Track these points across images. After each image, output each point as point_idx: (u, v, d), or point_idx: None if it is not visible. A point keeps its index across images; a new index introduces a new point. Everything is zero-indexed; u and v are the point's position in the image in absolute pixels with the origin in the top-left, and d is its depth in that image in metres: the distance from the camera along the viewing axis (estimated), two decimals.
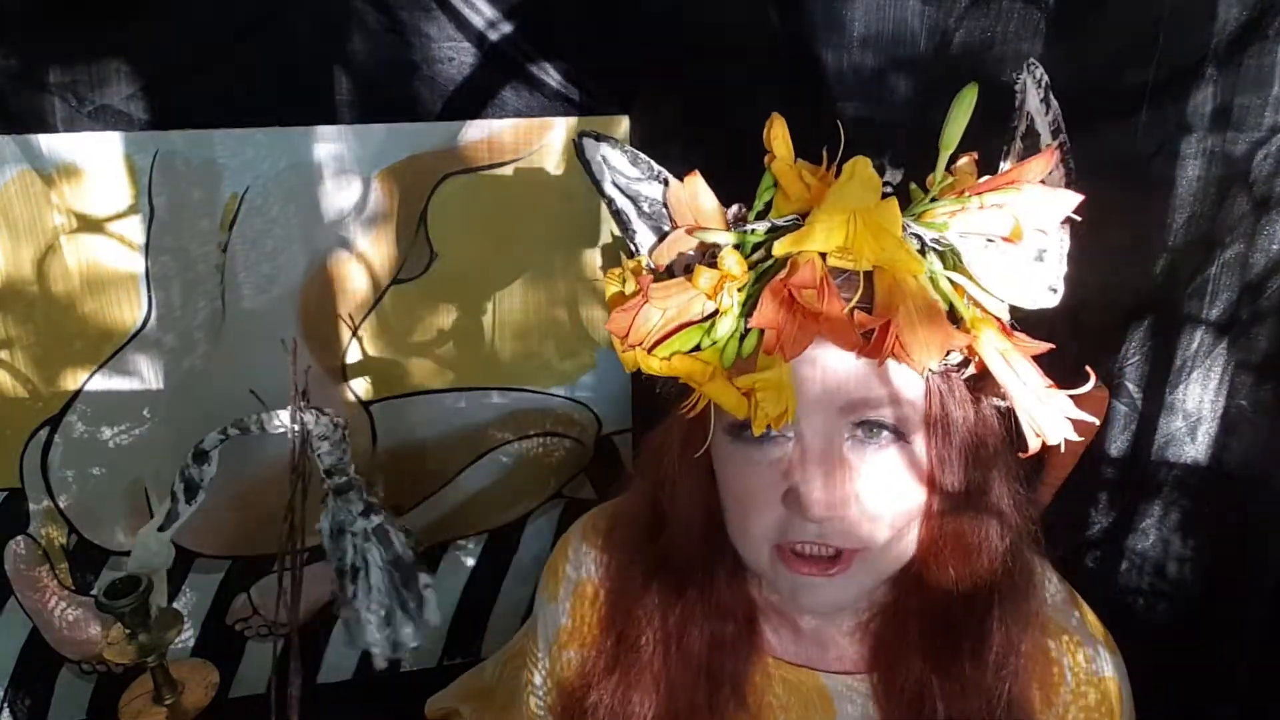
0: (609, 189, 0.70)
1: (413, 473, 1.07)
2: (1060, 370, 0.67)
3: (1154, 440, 1.03)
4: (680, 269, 0.67)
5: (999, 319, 0.63)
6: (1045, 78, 0.66)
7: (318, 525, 0.90)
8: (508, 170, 0.94)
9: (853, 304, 0.58)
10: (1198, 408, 1.01)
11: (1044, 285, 0.64)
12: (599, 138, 0.70)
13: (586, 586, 0.80)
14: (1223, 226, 0.93)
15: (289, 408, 0.79)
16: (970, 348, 0.62)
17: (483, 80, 0.89)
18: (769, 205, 0.67)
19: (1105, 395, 1.00)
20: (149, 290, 0.91)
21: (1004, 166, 0.68)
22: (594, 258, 1.00)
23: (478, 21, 0.86)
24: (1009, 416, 0.65)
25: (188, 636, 1.07)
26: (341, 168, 0.90)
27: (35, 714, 1.07)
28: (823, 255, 0.58)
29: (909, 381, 0.62)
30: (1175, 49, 0.88)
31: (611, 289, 0.68)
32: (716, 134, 0.86)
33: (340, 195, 0.92)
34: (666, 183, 0.70)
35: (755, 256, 0.63)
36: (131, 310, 0.92)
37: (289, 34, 0.85)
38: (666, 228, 0.70)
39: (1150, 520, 1.07)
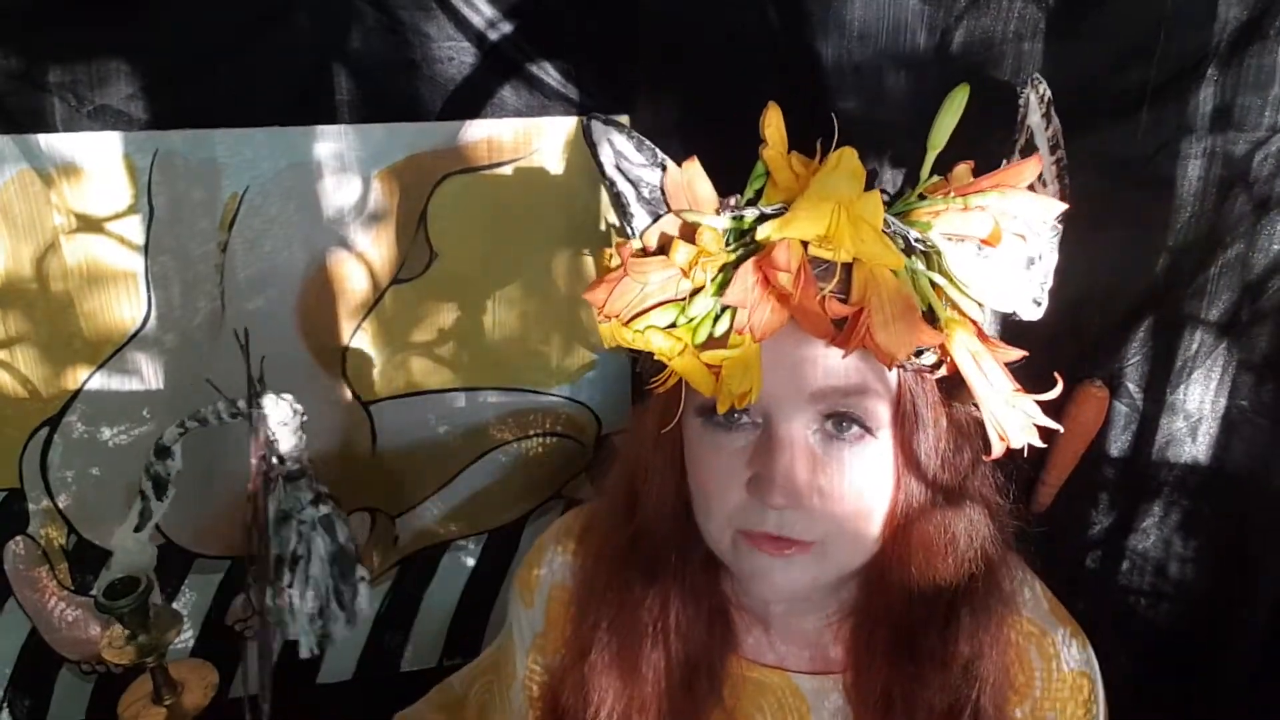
0: (611, 172, 0.70)
1: (413, 473, 1.07)
2: (1059, 368, 0.68)
3: (1155, 440, 1.03)
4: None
5: (976, 324, 0.63)
6: (1048, 93, 0.67)
7: None
8: (508, 170, 0.94)
9: (826, 290, 0.58)
10: (1199, 408, 1.01)
11: (1028, 296, 0.65)
12: (607, 121, 0.70)
13: (560, 590, 0.80)
14: (1223, 226, 0.93)
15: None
16: (943, 348, 0.62)
17: (482, 80, 0.89)
18: (759, 193, 0.67)
19: (1105, 395, 1.00)
20: (149, 290, 0.91)
21: None
22: (594, 257, 1.00)
23: (477, 21, 0.86)
24: (983, 427, 0.65)
25: (187, 637, 1.07)
26: (341, 167, 0.90)
27: (35, 714, 1.07)
28: (804, 244, 0.59)
29: (880, 377, 0.62)
30: (1176, 49, 0.88)
31: (604, 266, 0.69)
32: (716, 134, 0.85)
33: (340, 195, 0.92)
34: (666, 168, 0.70)
35: (740, 243, 0.63)
36: (131, 310, 0.92)
37: (289, 34, 0.85)
38: (663, 212, 0.69)
39: (1151, 520, 1.07)
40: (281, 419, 0.79)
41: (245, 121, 0.87)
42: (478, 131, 0.92)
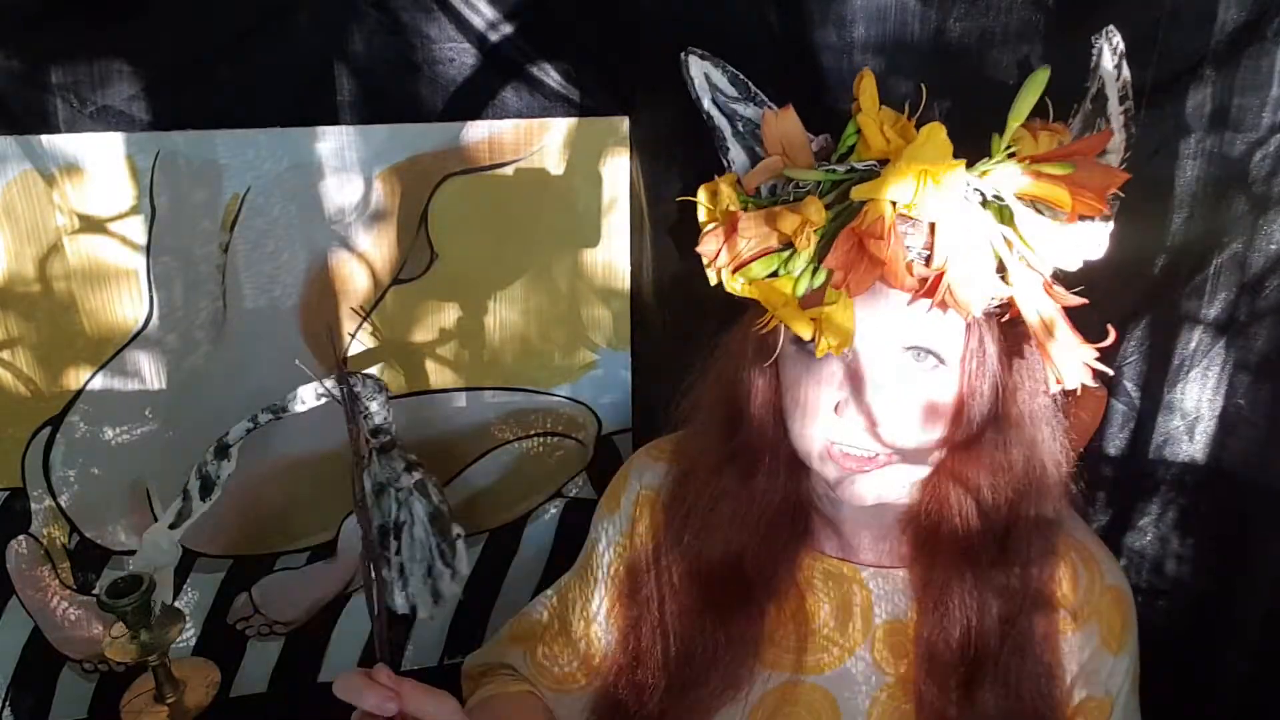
0: (708, 105, 0.78)
1: None
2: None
3: (1152, 439, 1.03)
4: (766, 192, 0.75)
5: (1041, 274, 0.69)
6: (1121, 45, 0.73)
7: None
8: (508, 170, 0.94)
9: (913, 254, 0.66)
10: (1196, 407, 1.01)
11: (1081, 255, 0.71)
12: (703, 56, 0.77)
13: (649, 493, 0.87)
14: (1221, 226, 0.94)
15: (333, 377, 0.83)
16: (1010, 299, 0.69)
17: (483, 81, 0.89)
18: (851, 149, 0.74)
19: (1103, 394, 1.00)
20: (150, 290, 0.91)
21: (1073, 123, 0.74)
22: (594, 257, 1.00)
23: (478, 22, 0.86)
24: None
25: (189, 635, 1.07)
26: (342, 168, 0.91)
27: (37, 713, 1.07)
28: (893, 204, 0.65)
29: (953, 318, 0.69)
30: (1174, 50, 0.88)
31: (703, 197, 0.76)
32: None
33: (341, 196, 0.92)
34: (762, 104, 0.77)
35: (831, 195, 0.70)
36: (133, 310, 0.92)
37: (290, 35, 0.85)
38: (759, 150, 0.77)
39: (1148, 519, 1.07)
40: (370, 395, 0.81)
41: (247, 122, 0.87)
42: (479, 132, 0.92)
